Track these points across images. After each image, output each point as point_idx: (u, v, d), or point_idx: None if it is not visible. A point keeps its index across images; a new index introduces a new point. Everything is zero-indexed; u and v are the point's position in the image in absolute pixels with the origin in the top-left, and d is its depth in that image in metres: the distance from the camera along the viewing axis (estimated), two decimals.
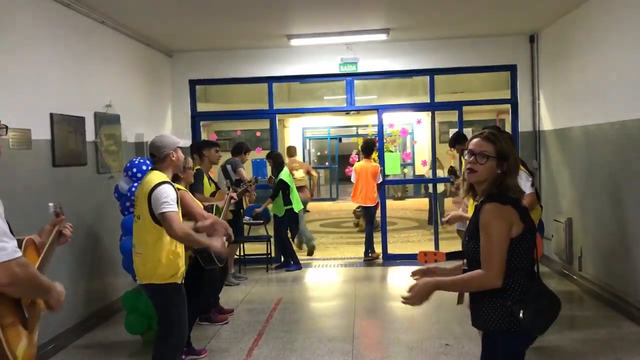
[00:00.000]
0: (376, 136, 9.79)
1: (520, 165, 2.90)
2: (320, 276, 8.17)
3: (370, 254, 8.67)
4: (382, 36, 7.73)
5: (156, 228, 3.73)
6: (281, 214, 8.20)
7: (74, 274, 5.49)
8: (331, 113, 17.56)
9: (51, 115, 5.23)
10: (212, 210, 4.92)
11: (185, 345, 4.41)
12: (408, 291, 2.54)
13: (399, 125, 14.40)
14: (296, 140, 19.89)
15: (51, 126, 5.22)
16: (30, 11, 5.06)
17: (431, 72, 8.54)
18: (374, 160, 9.05)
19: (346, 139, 21.54)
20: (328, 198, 19.58)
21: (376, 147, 8.99)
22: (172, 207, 3.68)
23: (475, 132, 2.90)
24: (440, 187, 10.95)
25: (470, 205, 4.23)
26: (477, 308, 2.55)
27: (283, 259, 8.51)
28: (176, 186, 3.98)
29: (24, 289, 2.02)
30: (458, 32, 7.96)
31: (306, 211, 15.23)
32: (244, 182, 6.59)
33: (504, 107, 10.34)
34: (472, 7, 6.58)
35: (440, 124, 14.81)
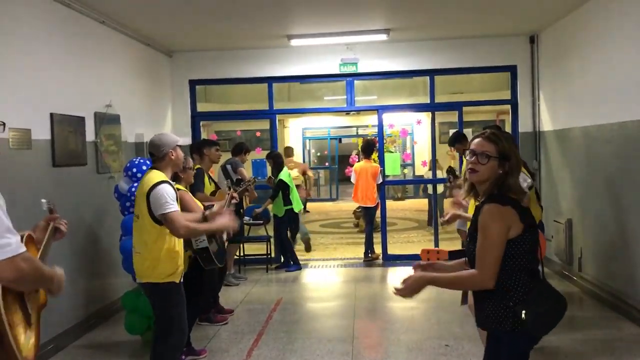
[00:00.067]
0: (376, 136, 9.79)
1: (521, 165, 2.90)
2: (320, 277, 8.17)
3: (370, 255, 8.67)
4: (383, 36, 7.73)
5: (155, 227, 3.72)
6: (281, 214, 8.20)
7: (73, 274, 5.47)
8: (331, 113, 17.57)
9: (51, 115, 5.23)
10: None
11: (185, 345, 4.41)
12: (401, 283, 2.58)
13: (399, 125, 14.40)
14: (296, 141, 19.89)
15: (51, 126, 5.22)
16: (31, 11, 5.06)
17: (431, 73, 8.54)
18: (374, 161, 9.05)
19: (346, 140, 21.54)
20: (328, 198, 19.57)
21: (376, 148, 8.99)
22: (173, 206, 3.68)
23: (476, 132, 2.90)
24: (440, 188, 10.95)
25: (471, 205, 4.23)
26: (481, 309, 2.56)
27: (283, 259, 8.51)
28: (176, 186, 3.98)
29: (30, 283, 2.04)
30: (458, 33, 7.96)
31: (306, 211, 15.28)
32: (244, 182, 6.59)
33: (504, 107, 10.34)
34: (472, 7, 6.58)
35: (440, 124, 14.79)
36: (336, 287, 7.58)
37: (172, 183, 3.86)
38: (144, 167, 5.22)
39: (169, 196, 3.67)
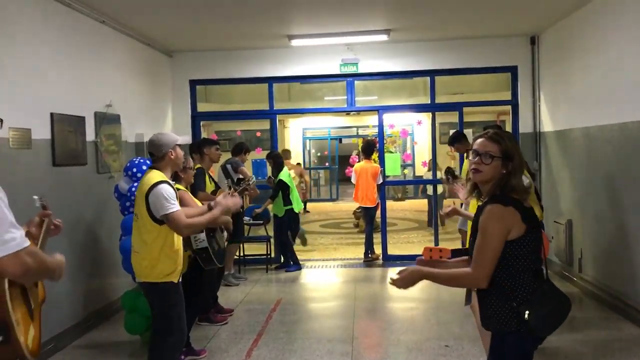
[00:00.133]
0: (376, 137, 9.79)
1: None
2: (320, 277, 8.17)
3: (370, 255, 8.67)
4: (383, 37, 7.73)
5: (155, 227, 3.72)
6: (281, 214, 8.20)
7: (73, 273, 5.48)
8: (331, 114, 17.58)
9: (51, 115, 5.23)
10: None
11: (184, 345, 4.40)
12: (397, 274, 2.60)
13: (399, 126, 14.39)
14: (296, 141, 19.90)
15: (51, 126, 5.22)
16: (31, 11, 5.06)
17: (432, 73, 8.54)
18: (374, 161, 9.05)
19: (346, 140, 21.54)
20: (328, 199, 19.58)
21: (376, 148, 8.99)
22: (175, 206, 3.67)
23: (476, 133, 2.90)
24: (440, 189, 10.95)
25: (472, 205, 4.22)
26: (485, 309, 2.56)
27: (283, 259, 8.51)
28: (175, 186, 3.97)
29: (36, 276, 2.06)
30: (459, 33, 7.96)
31: (306, 211, 15.29)
32: (244, 181, 6.59)
33: (504, 108, 10.34)
34: (473, 8, 6.58)
35: (441, 125, 14.80)
36: (336, 288, 7.58)
37: (172, 183, 3.86)
38: (144, 167, 5.22)
39: (169, 196, 3.66)
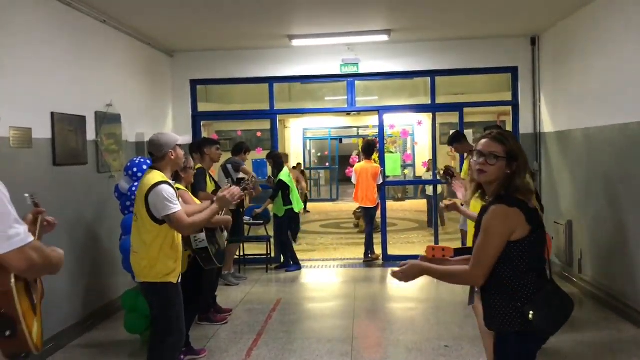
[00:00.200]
0: (377, 137, 9.79)
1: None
2: (320, 277, 8.17)
3: (370, 255, 8.67)
4: (384, 37, 7.73)
5: (154, 227, 3.71)
6: (281, 214, 8.20)
7: (74, 272, 5.49)
8: (332, 114, 17.58)
9: (52, 114, 5.23)
10: None
11: (184, 345, 4.41)
12: (399, 266, 2.63)
13: (399, 126, 14.39)
14: (297, 141, 19.91)
15: (52, 125, 5.22)
16: (31, 10, 5.07)
17: (432, 74, 8.54)
18: (375, 161, 9.05)
19: (347, 140, 21.55)
20: (328, 199, 19.60)
21: (377, 148, 8.99)
22: (176, 206, 3.67)
23: (476, 133, 2.92)
24: (440, 189, 10.94)
25: (472, 205, 4.22)
26: (488, 309, 2.57)
27: (283, 259, 8.52)
28: (175, 185, 3.96)
29: (40, 271, 2.06)
30: (459, 34, 7.96)
31: (306, 211, 15.30)
32: (244, 181, 6.59)
33: (504, 109, 10.34)
34: (473, 9, 6.58)
35: (441, 125, 14.81)
36: (336, 288, 7.58)
37: (172, 183, 3.85)
38: (144, 167, 5.22)
39: (170, 197, 3.65)
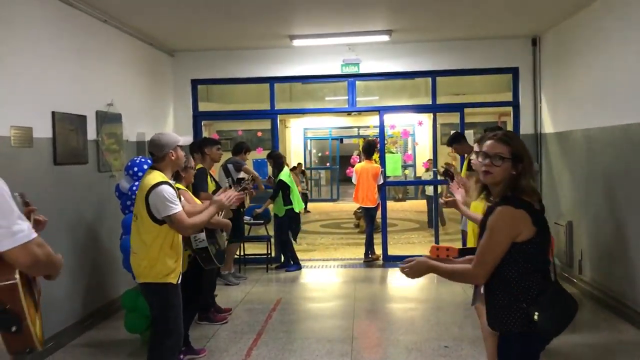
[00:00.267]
0: (377, 137, 9.79)
1: None
2: (320, 277, 8.17)
3: (370, 255, 8.67)
4: (385, 37, 7.73)
5: (154, 227, 3.69)
6: (281, 214, 8.20)
7: (74, 272, 5.50)
8: (333, 114, 17.59)
9: (53, 114, 5.24)
10: None
11: (183, 345, 4.41)
12: (406, 262, 2.68)
13: (400, 126, 14.40)
14: (297, 141, 19.92)
15: (53, 124, 5.23)
16: (33, 9, 5.07)
17: (433, 74, 8.55)
18: (375, 162, 9.05)
19: (347, 140, 21.56)
20: (329, 199, 19.60)
21: (377, 148, 8.99)
22: (177, 207, 3.65)
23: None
24: (440, 189, 10.93)
25: (473, 204, 4.22)
26: (493, 309, 2.57)
27: (283, 259, 8.52)
28: (176, 185, 3.96)
29: (43, 267, 2.06)
30: (460, 34, 7.96)
31: (307, 211, 15.30)
32: (244, 180, 6.59)
33: (505, 109, 10.33)
34: (474, 9, 6.58)
35: (442, 125, 14.82)
36: (336, 288, 7.58)
37: (172, 183, 3.83)
38: (145, 166, 5.22)
39: (170, 197, 3.64)
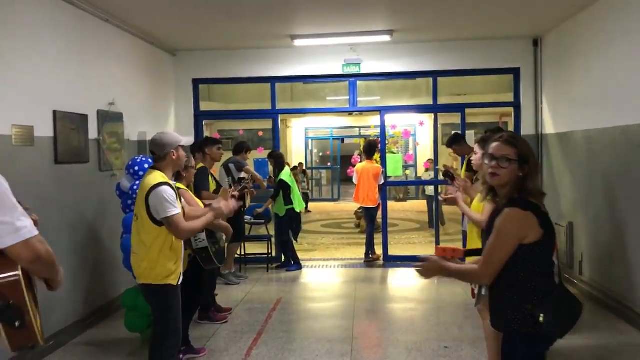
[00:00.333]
0: (378, 137, 9.80)
1: None
2: (321, 277, 8.17)
3: (371, 255, 8.67)
4: (386, 38, 7.73)
5: (154, 228, 3.68)
6: (282, 213, 8.21)
7: (74, 271, 5.50)
8: (334, 114, 17.60)
9: (54, 113, 5.24)
10: None
11: (183, 344, 4.41)
12: (421, 262, 2.71)
13: (401, 126, 14.41)
14: (299, 141, 19.92)
15: (54, 123, 5.23)
16: (34, 8, 5.07)
17: (434, 74, 8.54)
18: (376, 162, 9.06)
19: (348, 140, 21.56)
20: (329, 199, 19.60)
21: (378, 149, 8.99)
22: (175, 209, 3.63)
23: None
24: (440, 189, 10.93)
25: (474, 205, 4.22)
26: (497, 310, 2.58)
27: (284, 259, 8.52)
28: (176, 185, 3.96)
29: (45, 265, 2.06)
30: (462, 35, 7.96)
31: (307, 211, 15.31)
32: (244, 180, 6.60)
33: (506, 110, 10.34)
34: (476, 10, 6.58)
35: (443, 126, 14.82)
36: (336, 288, 7.58)
37: (173, 183, 3.82)
38: (146, 165, 5.23)
39: (170, 198, 3.62)
